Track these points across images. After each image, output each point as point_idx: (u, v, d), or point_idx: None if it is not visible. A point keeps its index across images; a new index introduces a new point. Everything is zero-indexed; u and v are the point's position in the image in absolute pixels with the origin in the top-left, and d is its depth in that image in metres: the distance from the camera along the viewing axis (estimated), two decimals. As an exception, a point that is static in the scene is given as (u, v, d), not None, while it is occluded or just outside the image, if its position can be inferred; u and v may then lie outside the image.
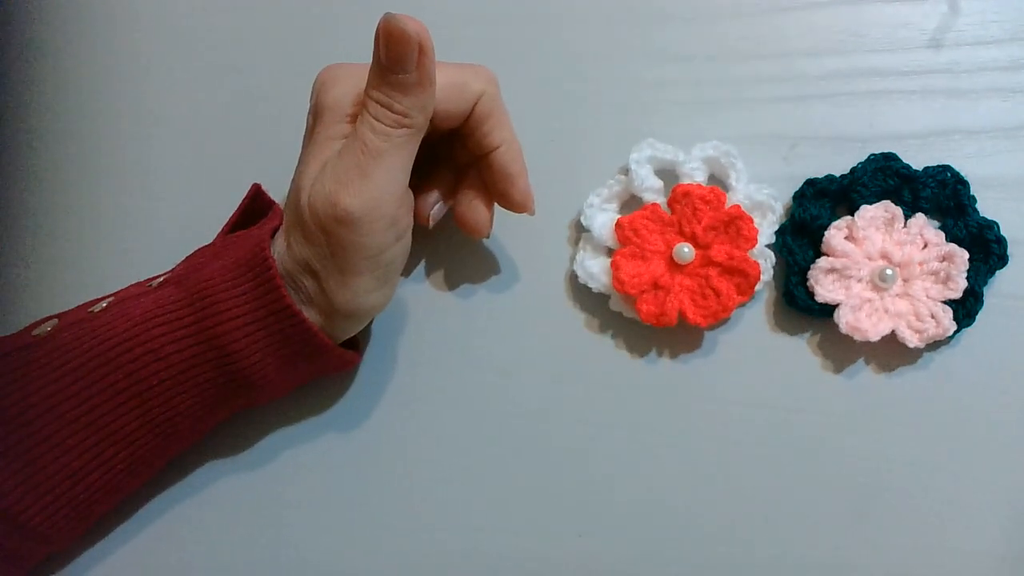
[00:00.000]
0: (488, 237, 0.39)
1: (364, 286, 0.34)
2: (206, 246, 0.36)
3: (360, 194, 0.32)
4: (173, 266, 0.36)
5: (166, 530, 0.38)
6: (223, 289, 0.33)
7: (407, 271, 0.41)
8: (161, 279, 0.35)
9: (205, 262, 0.34)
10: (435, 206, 0.38)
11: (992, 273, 0.38)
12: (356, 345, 0.39)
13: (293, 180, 0.35)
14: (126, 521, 0.38)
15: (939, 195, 0.39)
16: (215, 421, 0.36)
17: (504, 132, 0.36)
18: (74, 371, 0.32)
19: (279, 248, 0.34)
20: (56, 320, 0.34)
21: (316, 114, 0.34)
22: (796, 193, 0.40)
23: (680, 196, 0.39)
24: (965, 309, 0.38)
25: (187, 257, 0.36)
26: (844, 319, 0.37)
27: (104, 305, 0.34)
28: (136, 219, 0.42)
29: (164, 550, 0.38)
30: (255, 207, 0.38)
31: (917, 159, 0.39)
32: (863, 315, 0.37)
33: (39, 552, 0.35)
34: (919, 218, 0.38)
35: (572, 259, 0.40)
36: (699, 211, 0.38)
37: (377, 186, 0.32)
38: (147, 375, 0.33)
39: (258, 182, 0.38)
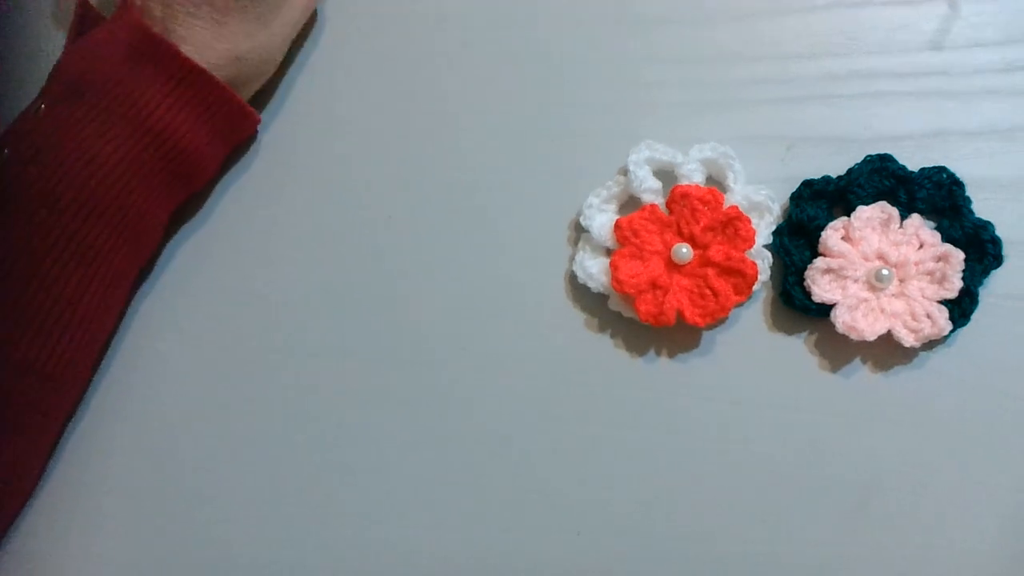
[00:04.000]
0: None
1: (242, 29, 0.36)
2: (67, 52, 0.37)
3: None
4: None
5: (166, 530, 0.39)
6: (130, 81, 0.35)
7: (407, 270, 0.41)
8: (43, 105, 0.36)
9: (86, 68, 0.35)
10: None
11: (987, 273, 0.38)
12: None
13: None
14: (126, 521, 0.39)
15: (935, 196, 0.39)
16: (168, 210, 0.38)
17: None
18: (36, 213, 0.34)
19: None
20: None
21: None
22: (793, 194, 0.40)
23: (678, 197, 0.39)
24: (960, 309, 0.38)
25: (54, 71, 0.37)
26: (840, 319, 0.37)
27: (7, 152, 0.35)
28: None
29: (164, 550, 0.38)
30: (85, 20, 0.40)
31: (913, 160, 0.39)
32: (859, 315, 0.38)
33: (53, 402, 0.36)
34: (915, 219, 0.39)
35: (571, 259, 0.41)
36: (697, 212, 0.39)
37: None
38: (100, 191, 0.34)
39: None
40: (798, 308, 0.39)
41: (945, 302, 0.38)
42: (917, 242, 0.39)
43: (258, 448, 0.39)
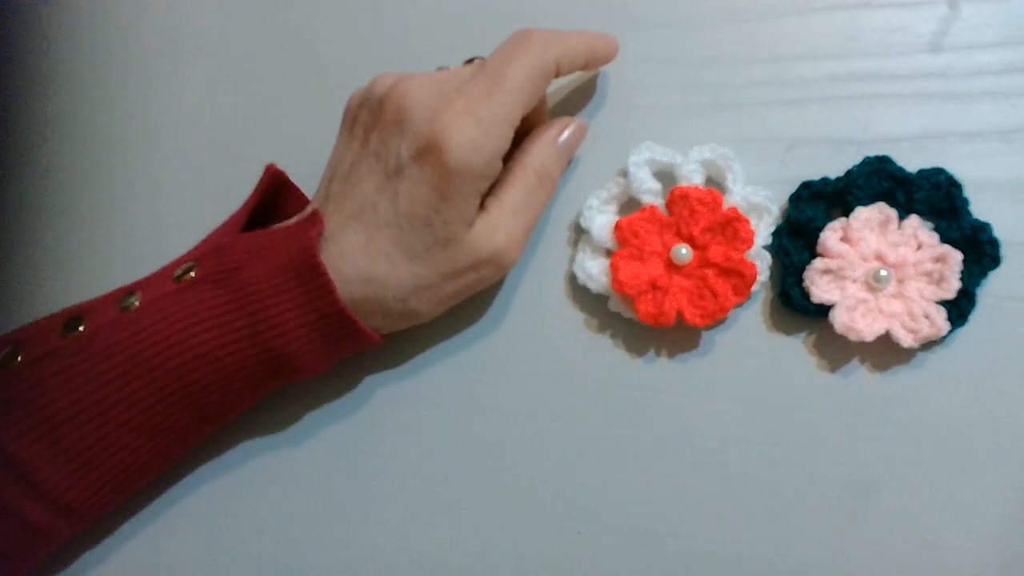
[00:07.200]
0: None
1: (385, 250, 0.35)
2: (233, 237, 0.36)
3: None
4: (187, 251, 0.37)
5: (165, 530, 0.39)
6: (272, 294, 0.34)
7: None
8: (192, 274, 0.35)
9: (245, 262, 0.34)
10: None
11: (985, 274, 0.38)
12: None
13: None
14: (126, 521, 0.39)
15: (933, 197, 0.39)
16: (254, 402, 0.37)
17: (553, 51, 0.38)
18: (122, 376, 0.33)
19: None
20: (82, 316, 0.34)
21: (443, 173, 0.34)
22: (792, 195, 0.40)
23: (678, 198, 0.39)
24: (959, 309, 0.38)
25: (212, 245, 0.36)
26: (839, 319, 0.38)
27: (136, 303, 0.34)
28: (145, 220, 0.43)
29: (163, 551, 0.39)
30: (271, 187, 0.39)
31: (911, 162, 0.40)
32: (858, 315, 0.38)
33: (66, 529, 0.35)
34: (913, 220, 0.39)
35: (571, 260, 0.41)
36: (697, 213, 0.39)
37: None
38: (198, 377, 0.34)
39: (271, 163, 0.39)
40: (797, 309, 0.39)
41: (943, 303, 0.38)
42: (915, 243, 0.39)
43: (249, 447, 0.40)
